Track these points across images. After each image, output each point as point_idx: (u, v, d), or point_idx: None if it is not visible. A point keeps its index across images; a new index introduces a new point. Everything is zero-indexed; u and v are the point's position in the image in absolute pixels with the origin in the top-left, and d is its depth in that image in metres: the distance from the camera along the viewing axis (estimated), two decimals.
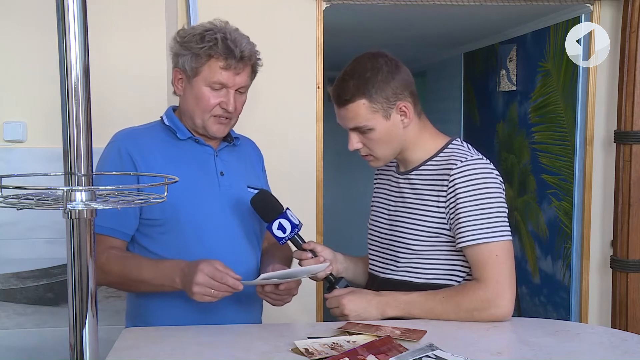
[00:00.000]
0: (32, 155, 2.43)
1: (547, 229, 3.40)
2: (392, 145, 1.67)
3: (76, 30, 0.94)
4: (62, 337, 2.41)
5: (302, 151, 2.86)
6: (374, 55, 1.66)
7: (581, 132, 3.05)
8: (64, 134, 0.95)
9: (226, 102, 1.70)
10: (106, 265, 1.62)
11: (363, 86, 1.61)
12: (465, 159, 1.61)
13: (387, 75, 1.63)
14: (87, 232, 0.97)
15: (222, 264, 1.53)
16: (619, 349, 1.45)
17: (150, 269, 1.61)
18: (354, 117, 1.64)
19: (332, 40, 3.04)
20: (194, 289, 1.49)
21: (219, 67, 1.68)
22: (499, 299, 1.57)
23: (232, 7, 2.75)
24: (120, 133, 1.77)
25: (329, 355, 1.33)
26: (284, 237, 1.64)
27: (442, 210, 1.62)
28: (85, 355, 0.98)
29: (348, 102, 1.63)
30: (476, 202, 1.58)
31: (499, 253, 1.58)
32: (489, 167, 1.62)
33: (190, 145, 1.77)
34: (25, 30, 2.42)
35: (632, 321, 2.84)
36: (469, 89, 4.66)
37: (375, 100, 1.62)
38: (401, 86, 1.64)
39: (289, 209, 1.66)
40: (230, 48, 1.67)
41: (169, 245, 1.69)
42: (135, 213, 1.69)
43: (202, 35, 1.68)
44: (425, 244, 1.64)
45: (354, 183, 6.46)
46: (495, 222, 1.58)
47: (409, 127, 1.67)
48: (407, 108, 1.65)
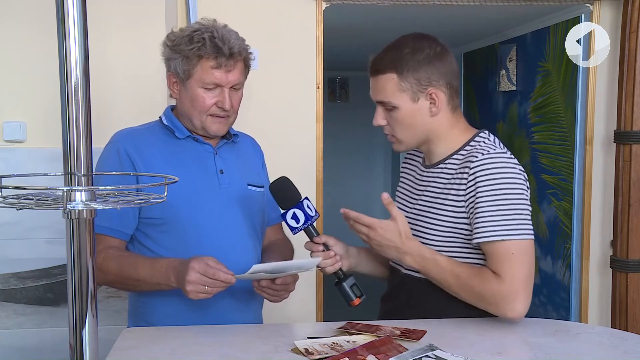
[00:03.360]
0: (31, 155, 2.43)
1: (547, 229, 3.40)
2: (416, 130, 1.64)
3: (76, 31, 0.94)
4: (62, 337, 2.41)
5: (302, 151, 2.86)
6: (421, 36, 1.64)
7: (581, 132, 3.05)
8: (63, 134, 0.95)
9: (222, 101, 1.70)
10: (103, 265, 1.62)
11: (397, 61, 1.59)
12: (487, 152, 1.56)
13: (425, 58, 1.59)
14: (87, 232, 0.97)
15: (214, 260, 1.53)
16: (619, 349, 1.45)
17: (146, 268, 1.61)
18: (381, 91, 1.62)
19: (332, 40, 3.05)
20: (187, 287, 1.50)
21: (210, 67, 1.67)
22: (510, 298, 1.52)
23: (232, 7, 2.75)
24: (118, 133, 1.77)
25: (329, 355, 1.33)
26: (296, 227, 1.63)
27: (462, 205, 1.57)
28: (85, 355, 0.98)
29: (378, 73, 1.61)
30: (495, 196, 1.52)
31: (516, 251, 1.52)
32: (512, 162, 1.57)
33: (190, 143, 1.76)
34: (25, 30, 2.42)
35: (632, 321, 2.84)
36: (469, 89, 4.66)
37: (405, 79, 1.59)
38: (438, 73, 1.60)
39: (307, 199, 1.65)
40: (218, 46, 1.65)
41: (169, 244, 1.70)
42: (134, 212, 1.69)
43: (191, 37, 1.67)
44: (443, 239, 1.61)
45: (354, 183, 6.46)
46: (514, 219, 1.52)
47: (438, 118, 1.63)
48: (437, 97, 1.61)
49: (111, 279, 1.67)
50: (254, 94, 2.81)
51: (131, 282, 1.65)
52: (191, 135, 1.76)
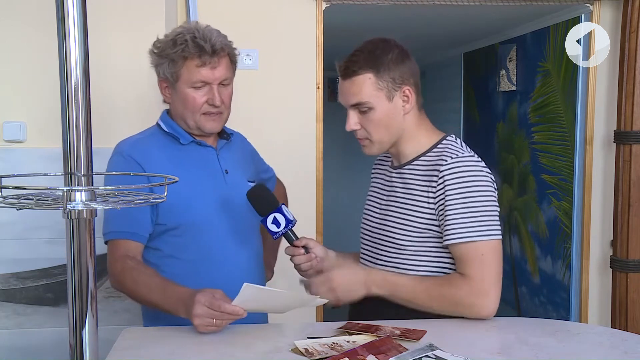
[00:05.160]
0: (31, 155, 2.43)
1: (547, 229, 3.40)
2: (390, 130, 1.67)
3: (76, 30, 0.94)
4: (62, 337, 2.41)
5: (302, 151, 2.86)
6: (386, 39, 1.68)
7: (581, 132, 3.05)
8: (63, 134, 0.95)
9: (212, 98, 1.73)
10: (121, 277, 1.66)
11: (372, 61, 1.62)
12: (456, 156, 1.60)
13: (397, 57, 1.64)
14: (87, 232, 0.97)
15: (221, 293, 1.51)
16: (618, 349, 1.45)
17: (159, 294, 1.61)
18: (358, 92, 1.63)
19: (332, 40, 3.04)
20: (195, 321, 1.48)
21: (195, 66, 1.71)
22: (482, 297, 1.56)
23: (232, 7, 2.75)
24: (125, 143, 1.79)
25: (328, 355, 1.33)
26: (277, 232, 1.65)
27: (431, 207, 1.61)
28: (85, 355, 0.98)
29: (355, 74, 1.63)
30: (464, 199, 1.57)
31: (485, 252, 1.56)
32: (480, 165, 1.61)
33: (194, 148, 1.80)
34: (25, 30, 2.42)
35: (632, 321, 2.84)
36: (469, 89, 4.66)
37: (381, 78, 1.62)
38: (408, 72, 1.65)
39: (284, 204, 1.67)
40: (200, 45, 1.69)
41: (187, 248, 1.73)
42: (150, 216, 1.72)
43: (174, 40, 1.72)
44: (414, 239, 1.64)
45: (354, 183, 6.46)
46: (483, 221, 1.57)
47: (408, 117, 1.67)
48: (410, 94, 1.65)
49: (127, 293, 1.70)
50: (254, 94, 2.81)
51: (144, 302, 1.68)
52: (195, 140, 1.80)
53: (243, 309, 1.47)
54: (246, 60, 2.77)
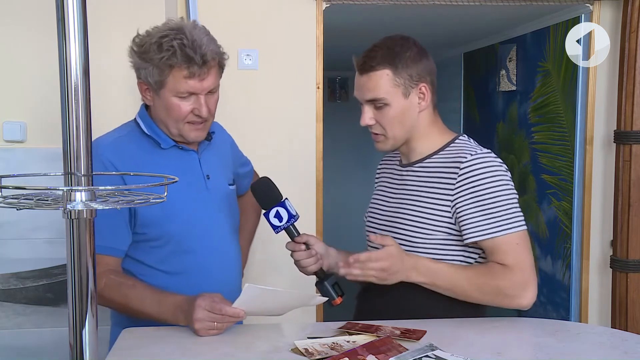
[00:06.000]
0: (31, 155, 2.43)
1: (547, 229, 3.40)
2: (405, 127, 1.67)
3: (76, 31, 0.94)
4: (62, 337, 2.41)
5: (302, 151, 2.86)
6: (405, 36, 1.69)
7: (581, 132, 3.05)
8: (63, 134, 0.95)
9: (198, 108, 1.63)
10: (105, 292, 1.59)
11: (391, 57, 1.62)
12: (476, 153, 1.61)
13: (415, 55, 1.64)
14: (87, 232, 0.97)
15: (220, 296, 1.51)
16: (618, 349, 1.45)
17: (154, 305, 1.58)
18: (374, 88, 1.63)
19: (332, 40, 3.05)
20: (196, 325, 1.47)
21: (183, 77, 1.59)
22: (524, 288, 1.57)
23: (232, 7, 2.75)
24: (101, 145, 1.64)
25: (328, 355, 1.33)
26: (279, 226, 1.64)
27: (447, 204, 1.60)
28: (85, 355, 0.98)
29: (372, 69, 1.63)
30: (491, 193, 1.57)
31: (519, 242, 1.58)
32: (498, 161, 1.63)
33: (175, 152, 1.72)
34: (25, 30, 2.42)
35: (632, 321, 2.84)
36: (468, 89, 4.66)
37: (399, 75, 1.62)
38: (426, 70, 1.66)
39: (287, 199, 1.66)
40: (189, 56, 1.57)
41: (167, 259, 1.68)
42: (128, 229, 1.65)
43: (159, 44, 1.58)
44: (426, 236, 1.63)
45: (354, 183, 6.46)
46: (512, 212, 1.58)
47: (423, 114, 1.68)
48: (426, 91, 1.66)
49: (116, 308, 1.66)
50: (254, 94, 2.81)
51: (137, 314, 1.62)
52: (176, 144, 1.71)
53: (244, 311, 1.48)
54: (246, 60, 2.76)
